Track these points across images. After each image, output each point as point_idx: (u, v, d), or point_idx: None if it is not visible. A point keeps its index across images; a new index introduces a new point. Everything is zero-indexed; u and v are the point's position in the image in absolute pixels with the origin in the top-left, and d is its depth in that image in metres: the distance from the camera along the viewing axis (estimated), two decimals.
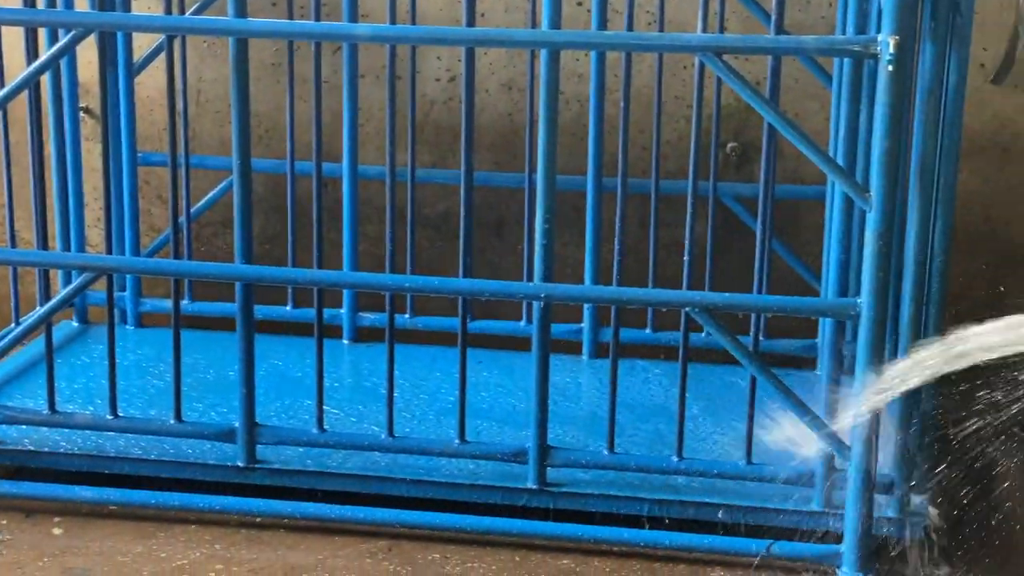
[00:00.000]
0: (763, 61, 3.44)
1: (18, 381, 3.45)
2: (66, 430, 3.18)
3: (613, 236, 3.34)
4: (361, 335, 3.82)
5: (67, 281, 3.66)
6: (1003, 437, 2.94)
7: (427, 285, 3.04)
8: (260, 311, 3.41)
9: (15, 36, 3.40)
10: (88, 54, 3.70)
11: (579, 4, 3.76)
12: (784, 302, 2.86)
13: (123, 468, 3.12)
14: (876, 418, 2.74)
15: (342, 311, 3.79)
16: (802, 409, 2.83)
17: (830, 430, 2.83)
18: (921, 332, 2.88)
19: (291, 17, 3.51)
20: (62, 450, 3.14)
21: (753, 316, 3.32)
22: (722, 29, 3.41)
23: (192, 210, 3.69)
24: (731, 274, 3.64)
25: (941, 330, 2.89)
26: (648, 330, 3.66)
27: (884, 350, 2.83)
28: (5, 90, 3.07)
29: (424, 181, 3.76)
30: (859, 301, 2.72)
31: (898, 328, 2.91)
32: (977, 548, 2.98)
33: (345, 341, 3.80)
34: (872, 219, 2.66)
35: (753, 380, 2.92)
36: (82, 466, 3.14)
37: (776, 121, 2.73)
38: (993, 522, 3.06)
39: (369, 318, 3.79)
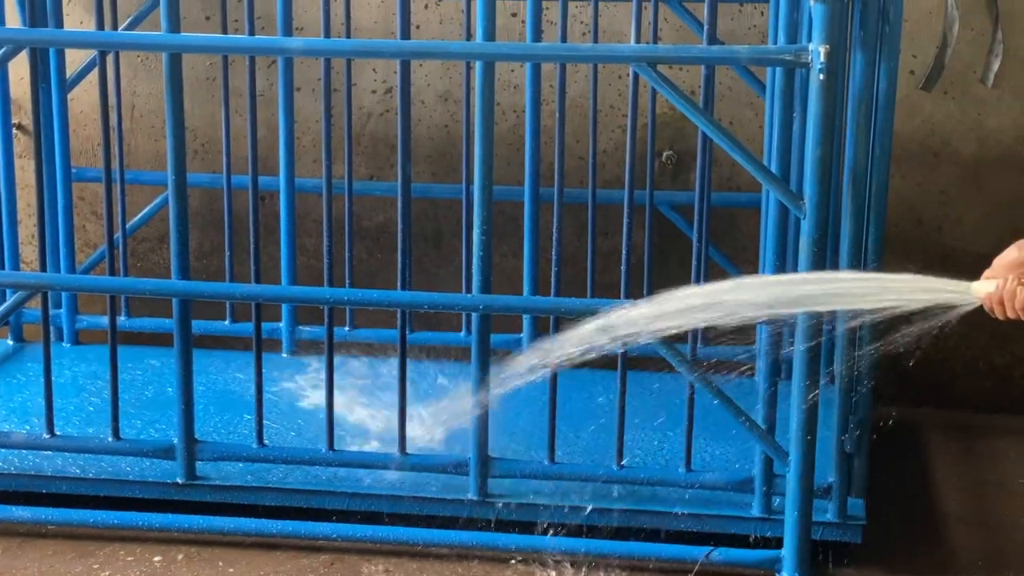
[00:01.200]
0: (697, 70, 3.46)
1: None
2: (2, 450, 3.15)
3: (551, 246, 3.34)
4: (300, 348, 3.80)
5: (2, 299, 3.62)
6: None
7: (366, 298, 3.04)
8: (198, 326, 3.39)
9: None
10: (20, 70, 3.66)
11: (513, 15, 3.77)
12: None
13: (61, 487, 3.10)
14: (814, 423, 2.77)
15: (281, 325, 3.77)
16: (740, 415, 2.85)
17: (769, 436, 2.86)
18: (856, 338, 2.91)
19: (225, 31, 3.49)
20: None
21: None
22: (656, 39, 3.43)
23: (128, 226, 3.67)
24: (669, 282, 3.64)
25: (875, 336, 2.92)
26: None
27: (821, 355, 2.86)
28: None
29: (361, 193, 3.75)
30: None
31: (834, 333, 2.93)
32: None
33: (284, 355, 3.78)
34: (806, 226, 2.69)
35: (691, 387, 2.94)
36: (19, 486, 3.11)
37: (710, 130, 2.75)
38: None
39: (308, 331, 3.78)
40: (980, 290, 2.14)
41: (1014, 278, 2.11)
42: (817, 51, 2.60)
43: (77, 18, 3.86)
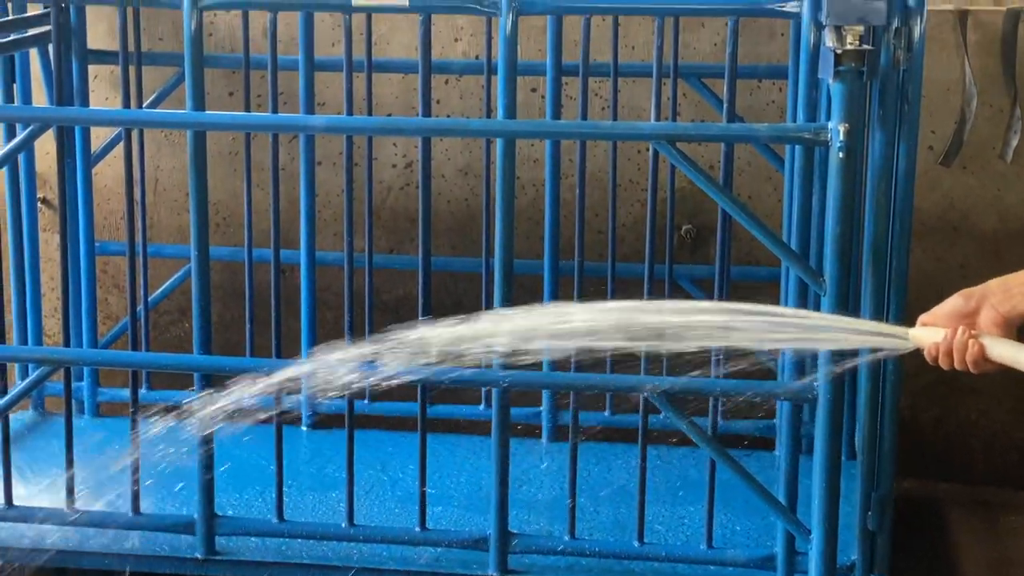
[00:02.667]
0: (717, 145, 3.48)
1: None
2: (23, 524, 3.14)
3: None
4: (320, 421, 3.80)
5: (24, 372, 3.64)
6: None
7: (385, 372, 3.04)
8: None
9: None
10: (47, 145, 3.70)
11: (533, 91, 3.80)
12: (742, 385, 2.87)
13: (82, 562, 3.09)
14: (836, 501, 2.75)
15: (300, 398, 3.77)
16: (761, 492, 2.84)
17: (791, 513, 2.84)
18: (879, 413, 2.90)
19: (248, 107, 3.52)
20: (24, 544, 3.11)
21: (711, 398, 3.33)
22: (675, 115, 3.45)
23: (150, 299, 3.68)
24: (688, 356, 3.65)
25: (896, 412, 2.91)
26: (607, 413, 3.66)
27: (842, 431, 2.85)
28: None
29: (382, 267, 3.77)
30: (816, 384, 2.73)
31: (855, 409, 2.93)
32: None
33: (304, 428, 3.78)
34: (827, 303, 2.69)
35: (712, 463, 2.93)
36: (40, 560, 3.10)
37: (730, 207, 2.76)
38: None
39: (328, 404, 3.77)
40: (922, 337, 2.08)
41: (964, 330, 2.04)
42: (837, 129, 2.60)
43: (103, 94, 3.90)
